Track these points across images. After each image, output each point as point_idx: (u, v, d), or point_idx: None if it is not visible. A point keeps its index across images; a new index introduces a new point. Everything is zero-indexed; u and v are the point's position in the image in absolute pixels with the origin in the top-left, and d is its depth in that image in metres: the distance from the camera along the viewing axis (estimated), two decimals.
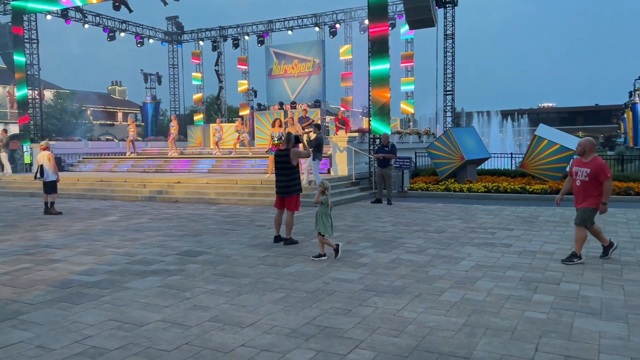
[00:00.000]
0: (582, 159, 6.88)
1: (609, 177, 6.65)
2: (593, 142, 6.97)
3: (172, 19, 29.61)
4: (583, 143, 6.91)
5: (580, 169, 6.79)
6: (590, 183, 6.70)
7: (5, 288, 5.92)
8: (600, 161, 6.78)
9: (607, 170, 6.67)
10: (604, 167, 6.68)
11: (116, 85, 60.28)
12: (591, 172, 6.68)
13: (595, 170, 6.66)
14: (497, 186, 14.85)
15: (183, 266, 6.88)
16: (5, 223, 11.06)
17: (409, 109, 25.14)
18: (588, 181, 6.71)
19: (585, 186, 6.75)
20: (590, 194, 6.72)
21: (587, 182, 6.72)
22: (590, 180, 6.70)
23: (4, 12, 22.64)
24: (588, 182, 6.71)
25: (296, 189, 8.36)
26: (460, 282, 5.94)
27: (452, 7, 20.98)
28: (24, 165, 22.24)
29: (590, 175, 6.69)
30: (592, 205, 6.72)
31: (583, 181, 6.77)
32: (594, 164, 6.71)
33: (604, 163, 6.77)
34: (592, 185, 6.69)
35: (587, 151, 6.85)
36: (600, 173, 6.62)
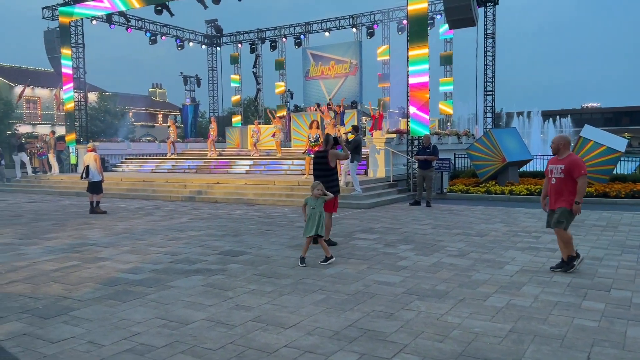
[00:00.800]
0: (557, 157, 6.53)
1: (583, 174, 6.24)
2: (567, 139, 6.63)
3: (211, 22, 30.08)
4: (557, 140, 6.55)
5: (555, 166, 6.46)
6: (565, 180, 6.35)
7: (57, 284, 6.13)
8: (576, 157, 6.42)
9: (582, 166, 6.30)
10: (580, 163, 6.32)
11: (157, 88, 61.68)
12: (565, 168, 6.33)
13: (569, 166, 6.30)
14: (540, 189, 14.46)
15: (225, 266, 6.97)
16: (54, 221, 11.46)
17: (448, 110, 24.79)
18: (563, 178, 6.35)
19: (559, 184, 6.40)
20: (567, 191, 6.34)
21: (562, 179, 6.36)
22: (565, 177, 6.34)
23: (52, 17, 23.47)
24: (563, 179, 6.35)
25: (335, 191, 8.35)
26: (505, 287, 5.81)
27: (493, 6, 20.62)
28: (70, 166, 23.01)
29: (564, 172, 6.33)
30: (569, 206, 6.34)
31: (558, 178, 6.42)
32: (569, 160, 6.35)
33: (579, 159, 6.42)
34: (568, 182, 6.34)
35: (562, 148, 6.47)
36: (575, 169, 6.25)
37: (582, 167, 6.29)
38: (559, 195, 6.41)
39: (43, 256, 7.73)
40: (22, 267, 7.06)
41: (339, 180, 8.62)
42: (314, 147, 14.95)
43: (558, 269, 6.47)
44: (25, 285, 6.13)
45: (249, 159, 19.74)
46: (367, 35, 26.98)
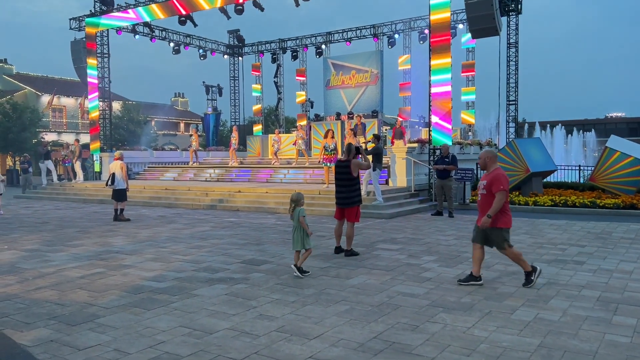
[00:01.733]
0: (485, 172, 6.31)
1: (502, 190, 6.00)
2: (493, 153, 6.41)
3: (233, 32, 30.43)
4: (483, 155, 6.31)
5: (481, 182, 6.24)
6: (487, 196, 6.14)
7: (82, 291, 6.20)
8: (498, 172, 6.15)
9: (503, 181, 6.04)
10: (500, 177, 6.06)
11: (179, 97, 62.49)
12: (487, 184, 6.13)
13: (490, 181, 6.10)
14: (564, 200, 14.23)
15: (247, 274, 6.98)
16: (79, 229, 11.64)
17: (470, 119, 24.61)
18: (486, 194, 6.16)
19: (483, 200, 6.21)
20: (488, 208, 6.10)
21: (484, 195, 6.17)
22: (487, 194, 6.14)
23: (79, 28, 23.99)
24: (485, 195, 6.16)
25: (357, 200, 8.32)
26: (532, 300, 5.69)
27: (516, 15, 20.45)
28: (94, 173, 23.40)
29: (486, 188, 6.14)
30: (502, 225, 6.13)
31: (482, 195, 6.24)
32: (492, 175, 6.14)
33: (501, 174, 6.13)
34: (490, 198, 6.09)
35: (489, 163, 6.25)
36: (495, 184, 6.04)
37: (503, 182, 6.05)
38: (483, 213, 6.23)
39: (69, 263, 7.84)
40: (48, 273, 7.17)
41: (360, 189, 8.59)
42: (330, 156, 14.98)
43: (529, 285, 6.25)
44: (52, 291, 6.22)
45: (269, 167, 19.82)
46: (388, 45, 27.01)
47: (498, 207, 6.04)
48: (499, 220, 6.14)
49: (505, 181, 6.09)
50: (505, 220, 6.16)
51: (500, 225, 6.16)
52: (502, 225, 6.17)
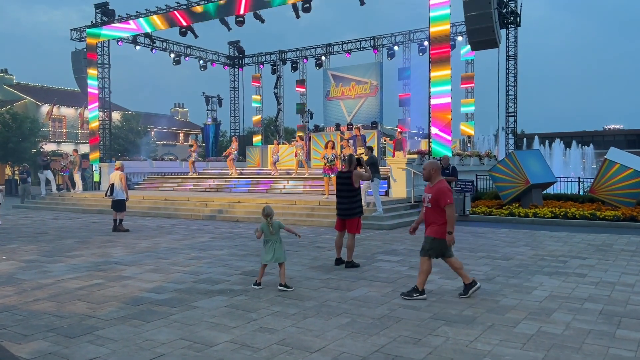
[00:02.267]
0: (429, 184, 6.36)
1: (449, 203, 6.06)
2: (438, 165, 6.49)
3: (234, 43, 30.57)
4: (428, 167, 6.38)
5: (426, 194, 6.30)
6: (433, 210, 6.19)
7: (81, 303, 6.15)
8: (442, 185, 6.21)
9: (449, 195, 6.11)
10: (446, 191, 6.12)
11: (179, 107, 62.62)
12: (433, 197, 6.18)
13: (436, 195, 6.15)
14: (564, 212, 14.20)
15: (247, 286, 6.93)
16: (77, 239, 11.58)
17: (469, 131, 24.65)
18: (431, 207, 6.21)
19: (429, 213, 6.26)
20: (434, 221, 6.18)
21: (429, 208, 6.22)
22: (432, 207, 6.19)
23: (80, 39, 24.09)
24: (431, 209, 6.20)
25: (358, 211, 8.31)
26: (534, 313, 5.65)
27: (515, 28, 20.60)
28: (93, 184, 23.35)
29: (432, 201, 6.19)
30: (437, 235, 6.15)
31: (427, 208, 6.28)
32: (436, 189, 6.19)
33: (446, 187, 6.20)
34: (435, 211, 6.16)
35: (433, 175, 6.32)
36: (441, 198, 6.09)
37: (449, 196, 6.10)
38: (428, 224, 6.28)
39: (67, 274, 7.79)
40: (47, 284, 7.11)
41: (361, 200, 8.57)
42: (330, 168, 14.96)
43: (465, 294, 6.32)
44: (51, 303, 6.16)
45: (269, 178, 19.81)
46: (387, 57, 27.13)
47: (453, 220, 6.11)
48: (438, 232, 6.18)
49: (450, 194, 6.18)
50: (442, 231, 6.17)
51: (437, 235, 6.18)
52: (439, 236, 6.18)
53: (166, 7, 21.32)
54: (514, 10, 20.25)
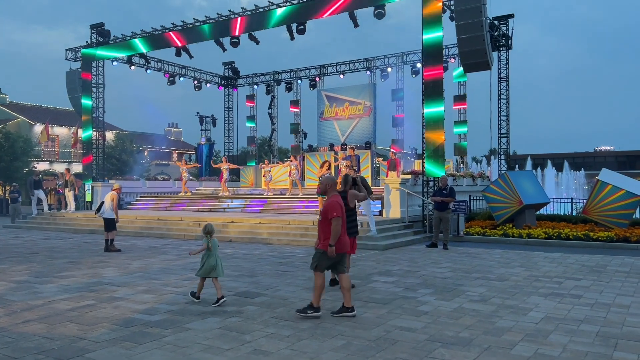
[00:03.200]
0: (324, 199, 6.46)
1: (335, 216, 6.22)
2: (334, 180, 6.74)
3: (228, 64, 30.75)
4: (324, 181, 6.66)
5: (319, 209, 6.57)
6: (322, 222, 6.36)
7: (72, 325, 6.04)
8: (332, 200, 6.40)
9: (336, 209, 6.28)
10: (333, 205, 6.30)
11: (172, 127, 62.65)
12: (323, 211, 6.38)
13: (325, 208, 6.35)
14: (558, 232, 14.24)
15: (241, 307, 6.85)
16: (69, 259, 11.44)
17: (462, 151, 24.76)
18: (321, 221, 6.37)
19: (319, 226, 6.43)
20: (324, 234, 6.34)
21: (320, 222, 6.39)
22: (322, 220, 6.36)
23: (75, 59, 24.17)
24: (321, 222, 6.37)
25: (353, 232, 8.27)
26: (531, 335, 5.61)
27: (507, 51, 20.89)
28: (85, 203, 23.18)
29: (322, 214, 6.38)
30: (324, 248, 6.29)
31: (319, 221, 6.43)
32: (327, 203, 6.41)
33: (334, 202, 6.36)
34: (325, 225, 6.32)
35: (329, 190, 6.55)
36: (329, 211, 6.28)
37: (336, 209, 6.27)
38: (319, 238, 6.46)
39: (58, 295, 7.67)
40: (37, 306, 7.00)
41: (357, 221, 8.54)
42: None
43: (337, 314, 6.36)
44: (41, 325, 6.05)
45: (262, 198, 19.76)
46: (381, 78, 27.36)
47: (335, 233, 6.23)
48: (325, 245, 6.30)
49: (338, 209, 6.31)
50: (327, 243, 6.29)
51: (324, 249, 6.32)
52: (324, 247, 6.33)
53: (161, 27, 21.48)
54: (505, 33, 20.58)
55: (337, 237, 6.26)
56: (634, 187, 14.66)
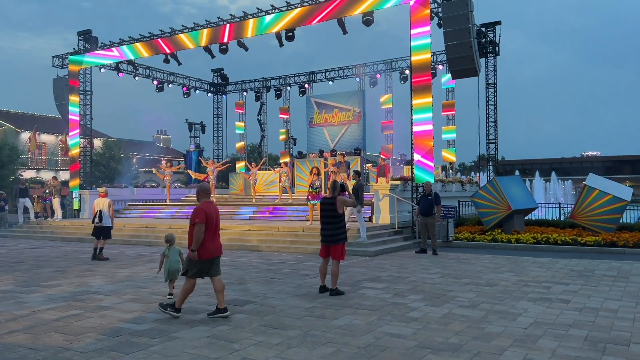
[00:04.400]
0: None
1: (197, 222, 6.45)
2: (205, 188, 6.97)
3: (217, 71, 30.71)
4: (198, 189, 6.95)
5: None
6: (191, 228, 6.59)
7: (58, 335, 5.95)
8: (199, 206, 6.62)
9: (199, 214, 6.49)
10: (198, 211, 6.52)
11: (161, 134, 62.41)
12: (191, 215, 6.59)
13: (192, 214, 6.58)
14: (546, 237, 14.32)
15: (230, 315, 6.79)
16: (55, 268, 11.30)
17: (451, 157, 24.88)
18: (190, 226, 6.61)
19: (189, 232, 6.65)
20: (190, 240, 6.56)
21: (190, 226, 6.62)
22: (191, 225, 6.58)
23: (62, 66, 24.00)
24: (190, 227, 6.60)
25: (342, 237, 8.26)
26: (520, 340, 5.62)
27: (494, 57, 21.07)
28: (73, 211, 22.95)
29: (190, 219, 6.60)
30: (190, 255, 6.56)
31: (189, 227, 6.67)
32: (194, 209, 6.63)
33: (200, 208, 6.57)
34: (191, 229, 6.56)
35: (200, 196, 6.78)
36: (193, 217, 6.52)
37: (199, 215, 6.47)
38: (188, 244, 6.64)
39: (44, 304, 7.56)
40: (22, 316, 6.88)
41: (346, 227, 8.53)
42: (315, 194, 14.92)
43: (212, 315, 6.66)
44: (26, 335, 5.95)
45: (252, 205, 19.69)
46: (370, 85, 27.46)
47: (197, 239, 6.46)
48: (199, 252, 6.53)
49: (200, 214, 6.50)
50: (201, 252, 6.53)
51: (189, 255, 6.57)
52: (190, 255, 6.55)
53: (150, 34, 21.40)
54: (492, 40, 20.77)
55: (199, 243, 6.47)
56: (620, 192, 14.80)
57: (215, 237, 6.71)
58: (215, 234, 6.69)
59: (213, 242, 6.65)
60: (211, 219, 6.58)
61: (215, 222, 6.69)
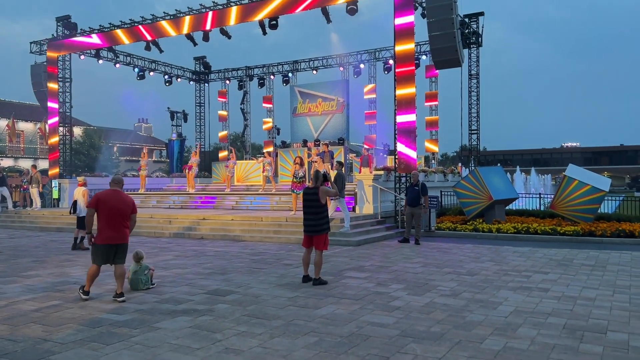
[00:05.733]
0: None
1: (88, 207, 7.14)
2: (115, 179, 7.50)
3: (199, 59, 30.34)
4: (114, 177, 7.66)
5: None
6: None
7: (37, 326, 5.87)
8: (96, 193, 7.25)
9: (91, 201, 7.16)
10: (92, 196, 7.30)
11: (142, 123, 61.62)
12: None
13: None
14: (527, 227, 14.52)
15: (212, 306, 6.76)
16: (34, 258, 11.13)
17: (433, 148, 25.04)
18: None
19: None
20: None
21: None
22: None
23: (40, 52, 23.48)
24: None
25: (325, 228, 8.26)
26: (500, 328, 5.70)
27: (477, 48, 21.15)
28: (52, 200, 22.60)
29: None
30: (96, 241, 7.02)
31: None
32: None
33: (94, 195, 7.25)
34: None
35: (110, 185, 7.35)
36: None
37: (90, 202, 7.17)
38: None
39: (22, 295, 7.44)
40: (0, 307, 6.76)
41: (329, 217, 8.53)
42: (299, 184, 14.89)
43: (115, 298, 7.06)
44: (3, 326, 5.85)
45: (235, 194, 19.59)
46: (353, 74, 27.40)
47: (87, 222, 7.15)
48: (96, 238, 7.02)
49: (92, 200, 7.14)
50: (96, 237, 7.03)
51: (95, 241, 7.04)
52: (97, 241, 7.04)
53: (131, 21, 21.02)
54: (475, 31, 20.85)
55: (89, 226, 7.09)
56: (599, 182, 15.03)
57: (114, 225, 6.99)
58: (113, 221, 6.98)
59: (109, 229, 6.96)
60: (104, 205, 6.94)
61: (115, 211, 6.97)
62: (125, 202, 7.13)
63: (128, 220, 7.19)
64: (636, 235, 13.49)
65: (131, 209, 7.23)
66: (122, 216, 7.04)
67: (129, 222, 7.21)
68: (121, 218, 7.03)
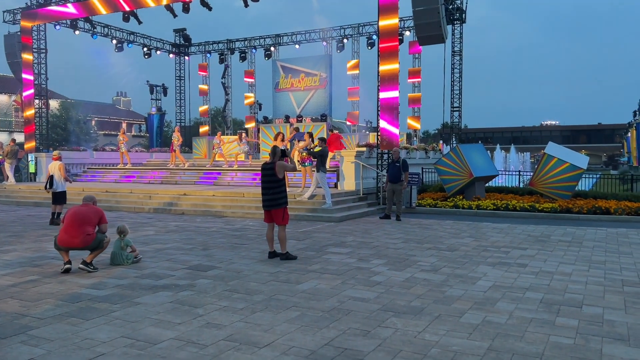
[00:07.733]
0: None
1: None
2: (86, 197, 7.87)
3: (179, 31, 29.70)
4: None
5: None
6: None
7: (14, 301, 5.78)
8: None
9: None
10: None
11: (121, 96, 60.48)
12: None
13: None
14: (506, 204, 14.71)
15: (193, 281, 6.74)
16: (10, 233, 10.94)
17: (416, 125, 25.08)
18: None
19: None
20: None
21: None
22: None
23: (13, 21, 22.73)
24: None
25: (282, 202, 8.22)
26: (479, 303, 5.79)
27: (460, 25, 21.05)
28: (29, 174, 22.16)
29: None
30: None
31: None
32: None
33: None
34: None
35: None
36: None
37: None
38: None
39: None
40: None
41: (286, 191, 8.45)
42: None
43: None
44: None
45: (217, 170, 19.43)
46: (337, 49, 27.13)
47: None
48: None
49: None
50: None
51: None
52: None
53: None
54: (459, 7, 20.70)
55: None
56: (577, 160, 15.26)
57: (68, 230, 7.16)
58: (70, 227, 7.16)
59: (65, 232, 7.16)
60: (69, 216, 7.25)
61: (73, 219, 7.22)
62: (80, 213, 7.40)
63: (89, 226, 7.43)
64: (612, 212, 13.77)
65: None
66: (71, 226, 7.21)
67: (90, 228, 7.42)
68: (70, 228, 7.19)
